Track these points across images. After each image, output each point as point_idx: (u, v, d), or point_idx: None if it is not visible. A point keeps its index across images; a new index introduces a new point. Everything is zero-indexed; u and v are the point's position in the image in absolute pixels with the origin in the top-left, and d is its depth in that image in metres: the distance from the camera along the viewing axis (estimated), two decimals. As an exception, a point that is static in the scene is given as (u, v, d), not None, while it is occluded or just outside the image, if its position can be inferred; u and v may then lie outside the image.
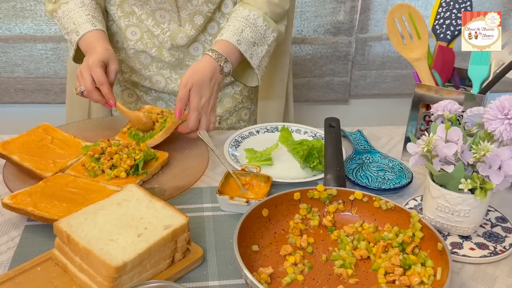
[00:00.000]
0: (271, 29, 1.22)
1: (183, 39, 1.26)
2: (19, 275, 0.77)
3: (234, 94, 1.40)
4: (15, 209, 0.89)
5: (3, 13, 1.94)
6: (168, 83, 1.35)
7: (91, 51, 1.15)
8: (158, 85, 1.35)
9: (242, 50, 1.16)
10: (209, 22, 1.29)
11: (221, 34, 1.17)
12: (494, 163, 0.80)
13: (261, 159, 1.10)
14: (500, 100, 0.82)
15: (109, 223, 0.79)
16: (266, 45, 1.22)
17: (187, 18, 1.25)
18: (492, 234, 0.91)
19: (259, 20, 1.19)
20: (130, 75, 1.36)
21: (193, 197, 1.01)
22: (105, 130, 1.19)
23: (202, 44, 1.30)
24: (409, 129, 1.14)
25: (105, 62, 1.13)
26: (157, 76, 1.34)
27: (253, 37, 1.18)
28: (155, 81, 1.34)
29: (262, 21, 1.20)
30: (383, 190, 1.01)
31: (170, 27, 1.26)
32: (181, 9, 1.24)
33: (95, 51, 1.14)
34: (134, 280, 0.75)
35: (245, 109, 1.45)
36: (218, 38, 1.17)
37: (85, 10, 1.21)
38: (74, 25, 1.20)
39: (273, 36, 1.23)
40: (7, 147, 1.04)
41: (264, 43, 1.22)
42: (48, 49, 2.02)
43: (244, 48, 1.17)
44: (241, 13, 1.19)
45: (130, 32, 1.29)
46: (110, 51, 1.16)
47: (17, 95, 2.09)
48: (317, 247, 0.86)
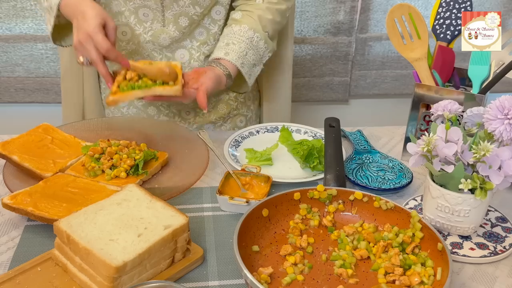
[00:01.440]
0: (269, 49, 1.27)
1: (165, 39, 1.24)
2: (19, 275, 0.77)
3: (229, 100, 1.39)
4: (15, 209, 0.89)
5: (4, 12, 1.94)
6: (161, 110, 1.33)
7: (80, 16, 1.05)
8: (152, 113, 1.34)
9: (243, 72, 1.21)
10: (197, 28, 1.27)
11: (227, 54, 1.19)
12: (494, 163, 0.80)
13: (261, 159, 1.10)
14: (500, 100, 0.82)
15: (109, 223, 0.79)
16: (261, 64, 1.28)
17: (172, 18, 1.23)
18: (492, 234, 0.91)
19: (261, 42, 1.24)
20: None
21: (193, 197, 1.01)
22: (105, 130, 1.19)
23: (188, 50, 1.28)
24: (409, 129, 1.14)
25: (102, 23, 1.04)
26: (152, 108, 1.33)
27: (254, 59, 1.24)
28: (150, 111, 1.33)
29: (263, 44, 1.24)
30: (383, 190, 1.01)
31: (153, 26, 1.23)
32: (166, 9, 1.22)
33: (86, 14, 1.04)
34: (134, 280, 0.75)
35: (240, 115, 1.43)
36: (224, 57, 1.19)
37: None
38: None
39: (268, 56, 1.29)
40: (7, 147, 1.04)
41: (260, 63, 1.27)
42: (48, 49, 2.02)
43: (245, 70, 1.22)
44: (246, 33, 1.21)
45: (121, 33, 1.25)
46: (100, 9, 1.07)
47: (18, 94, 2.09)
48: (317, 247, 0.86)
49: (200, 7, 1.23)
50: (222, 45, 1.22)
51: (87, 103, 1.40)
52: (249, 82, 1.25)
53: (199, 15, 1.24)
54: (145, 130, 1.20)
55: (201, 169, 1.04)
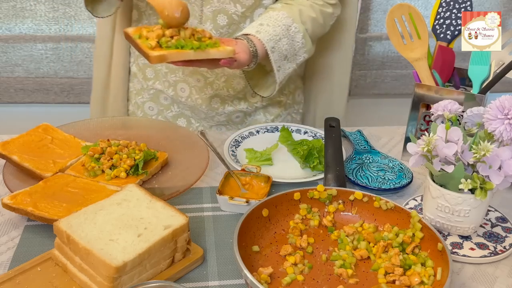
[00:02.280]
0: (305, 48, 1.16)
1: None
2: (19, 275, 0.77)
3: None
4: (15, 209, 0.89)
5: (3, 13, 1.94)
6: (193, 93, 1.28)
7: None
8: (182, 94, 1.28)
9: (272, 60, 1.10)
10: (236, 31, 1.19)
11: (258, 32, 1.08)
12: (494, 163, 0.80)
13: (261, 159, 1.10)
14: (500, 100, 0.82)
15: (109, 223, 0.79)
16: (294, 63, 1.16)
17: (210, 15, 1.16)
18: (492, 234, 0.91)
19: (298, 35, 1.13)
20: (154, 81, 1.31)
21: (193, 197, 1.01)
22: (105, 130, 1.19)
23: None
24: (409, 129, 1.14)
25: None
26: (182, 84, 1.27)
27: (287, 50, 1.12)
28: (179, 88, 1.28)
29: (301, 38, 1.14)
30: (383, 190, 1.01)
31: (190, 22, 1.08)
32: (205, 4, 1.15)
33: None
34: (134, 280, 0.75)
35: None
36: (254, 34, 1.07)
37: None
38: None
39: (304, 57, 1.17)
40: (7, 147, 1.04)
41: (294, 60, 1.15)
42: (48, 49, 2.02)
43: (275, 58, 1.10)
44: (284, 20, 1.12)
45: None
46: None
47: (17, 95, 2.09)
48: (317, 247, 0.86)
49: (242, 6, 1.16)
50: (254, 25, 1.11)
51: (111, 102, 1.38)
52: (277, 76, 1.12)
53: (239, 15, 1.18)
54: (145, 130, 1.20)
55: (201, 169, 1.04)
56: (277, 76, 1.13)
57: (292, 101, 1.41)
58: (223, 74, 1.25)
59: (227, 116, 1.33)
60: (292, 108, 1.41)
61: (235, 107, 1.31)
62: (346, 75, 1.45)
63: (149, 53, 0.93)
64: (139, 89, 1.36)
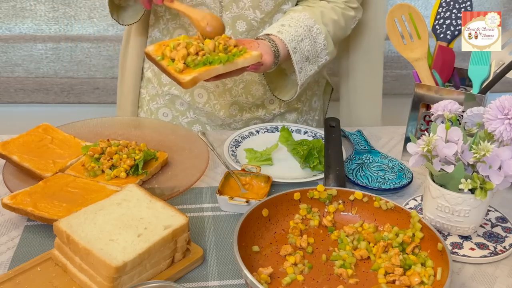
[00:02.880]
0: (327, 50, 1.14)
1: None
2: (19, 275, 0.77)
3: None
4: (15, 209, 0.89)
5: (3, 12, 1.94)
6: (211, 99, 1.26)
7: None
8: (199, 100, 1.27)
9: (294, 60, 1.08)
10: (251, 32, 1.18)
11: (280, 32, 1.06)
12: (494, 163, 0.80)
13: (261, 159, 1.10)
14: (500, 100, 0.82)
15: (109, 223, 0.79)
16: (316, 65, 1.14)
17: (229, 21, 1.15)
18: (492, 234, 0.91)
19: (320, 36, 1.12)
20: (170, 87, 1.29)
21: (193, 197, 1.01)
22: (105, 130, 1.19)
23: None
24: (409, 129, 1.14)
25: None
26: (200, 89, 1.26)
27: (309, 51, 1.10)
28: (196, 94, 1.27)
29: (323, 39, 1.12)
30: (383, 190, 1.01)
31: None
32: (225, 10, 1.14)
33: None
34: (134, 280, 0.75)
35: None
36: (276, 34, 1.06)
37: None
38: None
39: (326, 59, 1.15)
40: (7, 147, 1.04)
41: (315, 62, 1.13)
42: (48, 49, 2.02)
43: (297, 59, 1.08)
44: (306, 20, 1.10)
45: (178, 35, 1.19)
46: None
47: (17, 94, 2.09)
48: (317, 247, 0.86)
49: (261, 12, 1.15)
50: (275, 25, 1.09)
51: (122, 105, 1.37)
52: (298, 77, 1.09)
53: (258, 21, 1.17)
54: (145, 130, 1.20)
55: (201, 169, 1.04)
56: (298, 78, 1.11)
57: (309, 108, 1.40)
58: (241, 81, 1.24)
59: (244, 123, 1.31)
60: (309, 115, 1.40)
61: (253, 114, 1.31)
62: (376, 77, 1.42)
63: (180, 78, 0.89)
64: (154, 95, 1.34)
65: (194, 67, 0.90)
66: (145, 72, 1.36)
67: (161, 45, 0.96)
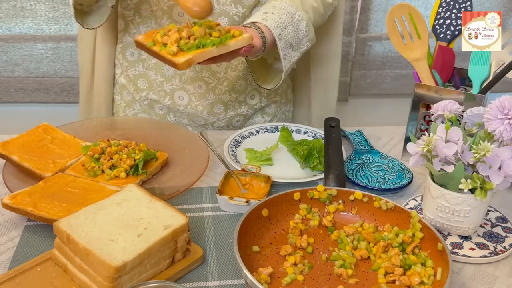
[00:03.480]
0: (309, 37, 1.15)
1: None
2: (19, 275, 0.77)
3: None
4: (15, 209, 0.89)
5: (3, 12, 1.94)
6: (192, 100, 1.26)
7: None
8: (180, 102, 1.26)
9: (279, 47, 1.07)
10: None
11: (265, 20, 1.06)
12: (494, 163, 0.80)
13: (261, 159, 1.10)
14: (500, 100, 0.82)
15: (109, 223, 0.79)
16: (298, 52, 1.14)
17: (211, 18, 1.11)
18: (492, 234, 0.91)
19: (302, 23, 1.12)
20: (148, 92, 1.28)
21: (193, 197, 1.01)
22: (105, 130, 1.19)
23: None
24: (409, 129, 1.14)
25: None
26: (180, 91, 1.25)
27: (292, 37, 1.10)
28: (177, 97, 1.26)
29: (304, 26, 1.12)
30: (383, 190, 1.01)
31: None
32: None
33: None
34: (134, 280, 0.75)
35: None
36: (261, 22, 1.05)
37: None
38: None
39: (307, 46, 1.16)
40: (7, 147, 1.04)
41: (298, 49, 1.14)
42: (48, 49, 2.02)
43: (282, 46, 1.07)
44: (287, 8, 1.10)
45: None
46: None
47: (17, 94, 2.09)
48: (317, 247, 0.86)
49: (243, 6, 1.15)
50: (259, 14, 1.09)
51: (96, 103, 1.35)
52: (284, 64, 1.09)
53: (240, 15, 1.17)
54: (145, 130, 1.20)
55: (201, 169, 1.04)
56: (284, 65, 1.10)
57: (286, 100, 1.42)
58: (225, 78, 1.25)
59: (227, 121, 1.32)
60: (286, 106, 1.43)
61: (236, 111, 1.31)
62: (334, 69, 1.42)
63: (175, 60, 0.90)
64: (130, 101, 1.33)
65: (187, 51, 0.91)
66: (118, 79, 1.34)
67: (151, 33, 0.96)
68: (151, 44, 0.94)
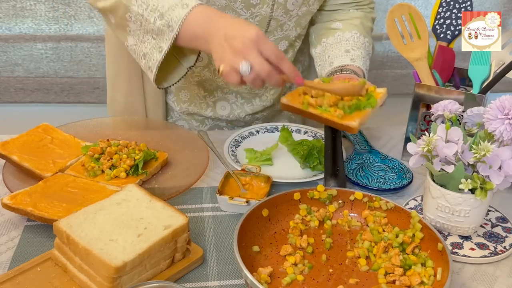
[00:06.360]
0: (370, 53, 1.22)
1: None
2: (19, 275, 0.77)
3: None
4: (15, 209, 0.89)
5: (3, 12, 1.94)
6: (234, 109, 1.28)
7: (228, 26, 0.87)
8: (222, 112, 1.28)
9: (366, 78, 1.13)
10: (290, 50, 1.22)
11: (353, 60, 1.12)
12: (494, 163, 0.80)
13: (261, 159, 1.10)
14: (500, 100, 0.82)
15: (109, 223, 0.79)
16: None
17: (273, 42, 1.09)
18: (492, 234, 0.91)
19: (370, 48, 1.20)
20: (189, 104, 1.28)
21: (193, 197, 1.01)
22: (105, 130, 1.19)
23: None
24: (409, 129, 1.14)
25: None
26: (222, 102, 1.28)
27: (368, 64, 1.17)
28: (219, 107, 1.28)
29: (371, 49, 1.21)
30: (383, 190, 1.01)
31: None
32: (269, 34, 1.15)
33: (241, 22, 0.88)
34: (134, 280, 0.75)
35: None
36: (352, 63, 1.11)
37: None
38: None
39: None
40: (7, 147, 1.04)
41: None
42: (48, 49, 2.02)
43: (367, 76, 1.15)
44: (359, 39, 1.17)
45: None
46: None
47: (17, 94, 2.09)
48: (317, 247, 0.86)
49: (301, 28, 1.19)
50: (340, 53, 1.14)
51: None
52: None
53: (297, 36, 1.21)
54: (145, 130, 1.20)
55: (201, 169, 1.04)
56: None
57: None
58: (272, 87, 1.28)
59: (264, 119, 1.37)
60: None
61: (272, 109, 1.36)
62: None
63: (350, 124, 0.91)
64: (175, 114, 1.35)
65: (349, 113, 0.93)
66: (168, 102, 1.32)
67: (293, 94, 0.97)
68: (305, 107, 0.95)
